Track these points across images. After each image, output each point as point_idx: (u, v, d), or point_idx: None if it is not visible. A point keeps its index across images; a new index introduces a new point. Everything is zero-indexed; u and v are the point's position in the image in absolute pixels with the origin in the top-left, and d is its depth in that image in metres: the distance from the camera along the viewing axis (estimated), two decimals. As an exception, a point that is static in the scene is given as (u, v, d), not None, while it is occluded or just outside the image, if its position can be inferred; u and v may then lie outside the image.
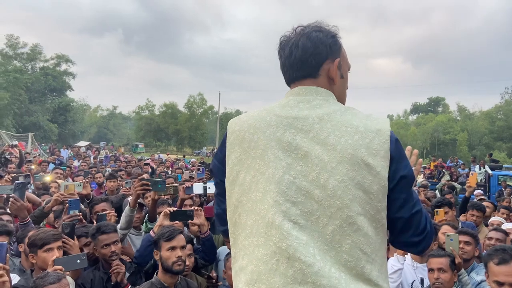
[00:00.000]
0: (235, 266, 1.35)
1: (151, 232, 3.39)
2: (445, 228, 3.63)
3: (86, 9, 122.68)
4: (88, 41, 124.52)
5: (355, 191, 1.24)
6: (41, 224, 3.91)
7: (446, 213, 4.37)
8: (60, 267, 2.54)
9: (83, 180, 5.23)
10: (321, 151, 1.27)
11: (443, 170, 16.39)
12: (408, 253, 3.39)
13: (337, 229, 1.22)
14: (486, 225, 5.16)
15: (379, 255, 1.28)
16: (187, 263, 3.10)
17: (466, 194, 5.78)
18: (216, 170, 1.48)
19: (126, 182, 6.67)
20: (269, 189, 1.27)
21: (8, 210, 3.86)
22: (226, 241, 3.59)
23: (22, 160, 10.38)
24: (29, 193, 4.45)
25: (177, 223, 3.45)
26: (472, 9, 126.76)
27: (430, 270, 3.00)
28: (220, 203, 1.51)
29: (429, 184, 12.47)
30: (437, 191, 9.05)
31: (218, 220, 1.56)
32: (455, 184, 11.71)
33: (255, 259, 1.26)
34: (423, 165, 22.84)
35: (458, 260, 3.08)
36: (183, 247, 2.94)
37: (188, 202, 4.36)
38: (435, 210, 4.11)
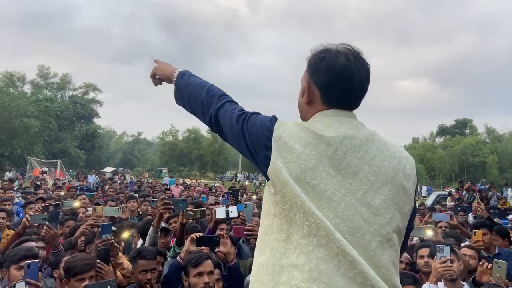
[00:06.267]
0: (284, 262, 1.33)
1: (177, 258, 3.39)
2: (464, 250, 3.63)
3: (114, 38, 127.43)
4: (116, 69, 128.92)
5: (394, 211, 1.37)
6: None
7: (484, 234, 4.27)
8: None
9: (122, 205, 5.35)
10: (368, 172, 1.37)
11: (474, 194, 15.82)
12: (442, 280, 3.28)
13: (378, 245, 1.32)
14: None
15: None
16: (216, 288, 3.06)
17: (484, 216, 5.85)
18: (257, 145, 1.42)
19: (152, 201, 6.83)
20: (320, 203, 1.32)
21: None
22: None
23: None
24: None
25: (204, 249, 3.44)
26: (499, 28, 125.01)
27: None
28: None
29: (459, 208, 12.07)
30: (470, 216, 8.79)
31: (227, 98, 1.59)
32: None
33: (315, 259, 1.29)
34: (451, 189, 22.23)
35: None
36: (210, 273, 2.91)
37: (223, 226, 4.35)
38: (473, 231, 4.10)
